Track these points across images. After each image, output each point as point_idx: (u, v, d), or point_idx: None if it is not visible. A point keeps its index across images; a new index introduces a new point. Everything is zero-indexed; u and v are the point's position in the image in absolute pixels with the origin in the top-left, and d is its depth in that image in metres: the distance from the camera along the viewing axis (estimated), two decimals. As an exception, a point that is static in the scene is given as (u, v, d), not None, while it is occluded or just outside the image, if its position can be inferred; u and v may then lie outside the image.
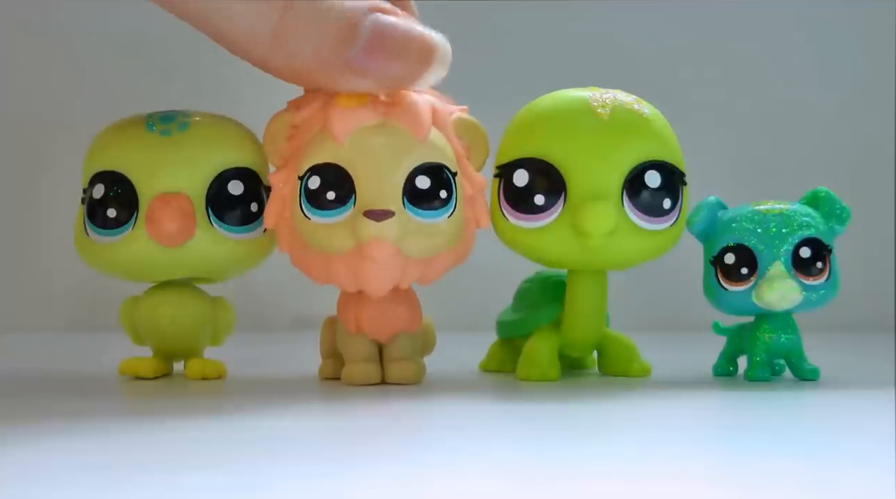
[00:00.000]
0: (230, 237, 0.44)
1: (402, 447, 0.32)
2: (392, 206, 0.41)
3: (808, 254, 0.43)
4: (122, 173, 0.44)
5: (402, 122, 0.41)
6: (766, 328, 0.44)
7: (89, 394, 0.42)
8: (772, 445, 0.32)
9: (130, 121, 0.45)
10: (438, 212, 0.42)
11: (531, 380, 0.44)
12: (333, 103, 0.41)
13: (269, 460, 0.29)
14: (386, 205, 0.41)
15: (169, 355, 0.46)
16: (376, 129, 0.41)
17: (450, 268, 0.43)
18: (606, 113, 0.42)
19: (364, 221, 0.40)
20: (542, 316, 0.46)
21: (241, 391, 0.43)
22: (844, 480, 0.27)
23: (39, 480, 0.27)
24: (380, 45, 0.38)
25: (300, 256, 0.43)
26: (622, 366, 0.46)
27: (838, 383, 0.45)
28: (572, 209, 0.42)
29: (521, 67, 0.78)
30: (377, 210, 0.40)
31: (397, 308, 0.43)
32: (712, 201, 0.45)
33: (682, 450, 0.31)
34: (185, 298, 0.45)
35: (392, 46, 0.38)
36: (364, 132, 0.41)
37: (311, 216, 0.41)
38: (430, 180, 0.42)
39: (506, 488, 0.26)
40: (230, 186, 0.44)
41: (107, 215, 0.44)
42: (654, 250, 0.44)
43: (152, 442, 0.32)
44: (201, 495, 0.25)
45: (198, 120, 0.45)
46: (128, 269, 0.44)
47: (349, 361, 0.43)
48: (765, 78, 0.79)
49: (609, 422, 0.36)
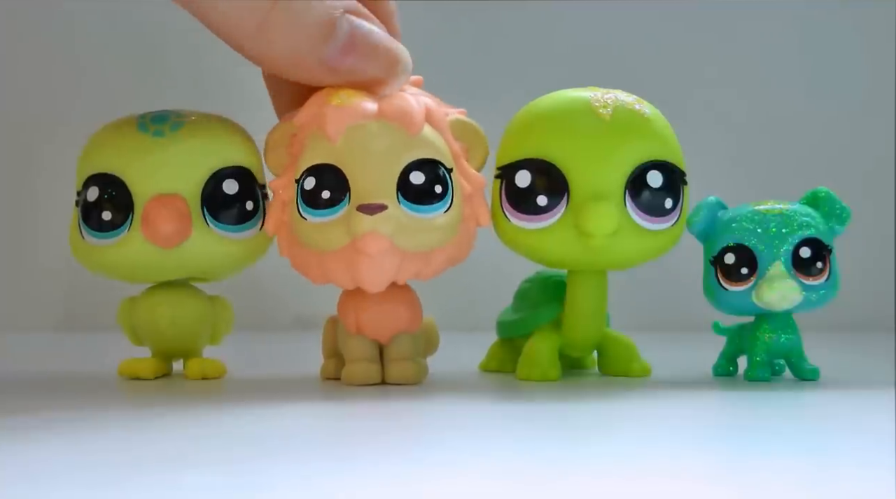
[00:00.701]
0: (226, 236, 0.44)
1: (403, 447, 0.32)
2: (385, 200, 0.41)
3: (808, 254, 0.43)
4: (115, 175, 0.44)
5: (395, 120, 0.41)
6: (766, 328, 0.44)
7: (89, 394, 0.42)
8: (772, 445, 0.32)
9: (123, 122, 0.45)
10: (433, 207, 0.42)
11: (531, 380, 0.45)
12: (326, 103, 0.41)
13: (269, 460, 0.29)
14: (379, 199, 0.41)
15: (168, 355, 0.46)
16: (369, 127, 0.41)
17: (448, 265, 0.43)
18: (608, 113, 0.42)
19: (357, 215, 0.40)
20: (542, 316, 0.46)
21: (241, 391, 0.43)
22: (844, 480, 0.27)
23: (39, 480, 0.27)
24: (354, 47, 0.41)
25: (298, 258, 0.43)
26: (622, 366, 0.46)
27: (838, 383, 0.45)
28: (575, 210, 0.42)
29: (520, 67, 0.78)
30: (370, 204, 0.41)
31: (398, 308, 0.43)
32: (712, 201, 0.45)
33: (682, 450, 0.31)
34: (184, 298, 0.45)
35: (366, 49, 0.41)
36: (357, 130, 0.41)
37: (307, 217, 0.42)
38: (424, 176, 0.42)
39: (506, 488, 0.26)
40: (225, 186, 0.44)
41: (101, 218, 0.44)
42: (656, 250, 0.44)
43: (152, 442, 0.32)
44: (201, 494, 0.25)
45: (191, 120, 0.45)
46: (124, 271, 0.44)
47: (349, 361, 0.43)
48: (765, 78, 0.79)
49: (609, 422, 0.36)
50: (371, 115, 0.41)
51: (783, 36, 0.80)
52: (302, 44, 0.40)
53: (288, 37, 0.40)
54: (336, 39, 0.40)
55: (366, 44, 0.41)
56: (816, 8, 0.79)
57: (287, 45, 0.40)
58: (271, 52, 0.40)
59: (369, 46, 0.41)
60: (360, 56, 0.41)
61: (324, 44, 0.40)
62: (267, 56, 0.41)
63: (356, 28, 0.41)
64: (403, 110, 0.42)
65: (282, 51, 0.40)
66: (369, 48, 0.41)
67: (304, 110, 0.42)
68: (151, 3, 0.76)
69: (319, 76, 0.41)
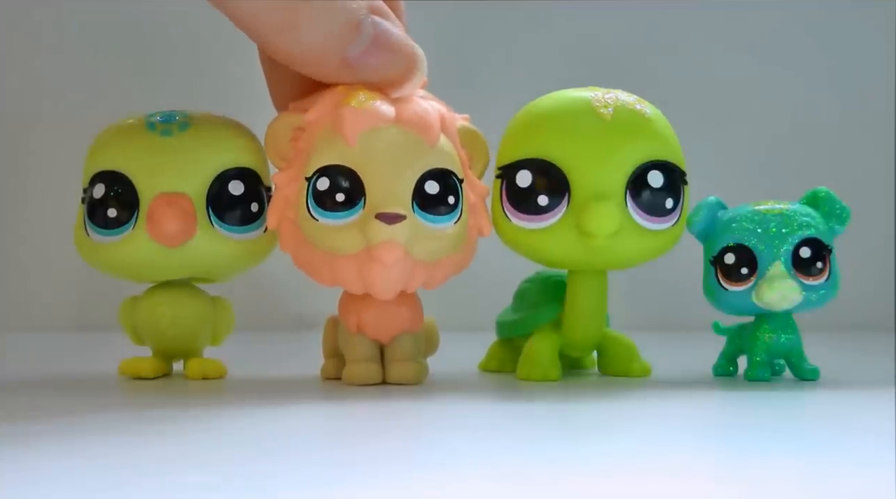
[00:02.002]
0: (230, 237, 0.44)
1: (403, 447, 0.32)
2: (403, 210, 0.41)
3: (808, 254, 0.43)
4: (122, 173, 0.44)
5: (412, 127, 0.41)
6: (766, 328, 0.44)
7: (89, 394, 0.42)
8: (772, 444, 0.32)
9: (131, 121, 0.45)
10: (446, 217, 0.42)
11: (531, 380, 0.45)
12: (344, 104, 0.41)
13: (269, 460, 0.29)
14: (396, 208, 0.41)
15: (169, 355, 0.46)
16: (387, 131, 0.41)
17: (453, 274, 0.43)
18: (609, 113, 0.42)
19: (376, 223, 0.40)
20: (542, 316, 0.46)
21: (241, 391, 0.43)
22: (844, 479, 0.27)
23: (39, 480, 0.27)
24: (377, 48, 0.41)
25: (306, 258, 0.42)
26: (622, 366, 0.46)
27: (838, 383, 0.45)
28: (576, 210, 0.42)
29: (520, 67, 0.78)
30: (390, 213, 0.40)
31: (399, 309, 0.43)
32: (712, 201, 0.45)
33: (683, 450, 0.31)
34: (185, 298, 0.45)
35: (388, 50, 0.41)
36: (375, 134, 0.41)
37: (318, 218, 0.41)
38: (439, 186, 0.42)
39: (506, 488, 0.26)
40: (231, 187, 0.44)
41: (107, 215, 0.44)
42: (656, 250, 0.44)
43: (152, 442, 0.32)
44: (202, 494, 0.25)
45: (198, 120, 0.45)
46: (128, 269, 0.44)
47: (350, 362, 0.43)
48: (765, 78, 0.79)
49: (609, 422, 0.36)
50: (389, 119, 0.41)
51: (784, 36, 0.80)
52: (327, 42, 0.41)
53: (314, 35, 0.40)
54: (361, 40, 0.41)
55: (388, 45, 0.41)
56: (817, 8, 0.79)
57: (313, 43, 0.41)
58: (296, 48, 0.41)
59: (391, 48, 0.41)
60: (381, 57, 0.41)
61: (348, 43, 0.41)
62: (291, 53, 0.41)
63: (380, 29, 0.41)
64: (422, 118, 0.42)
65: (307, 48, 0.41)
66: (391, 49, 0.41)
67: (317, 107, 0.42)
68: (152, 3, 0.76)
69: (339, 74, 0.42)
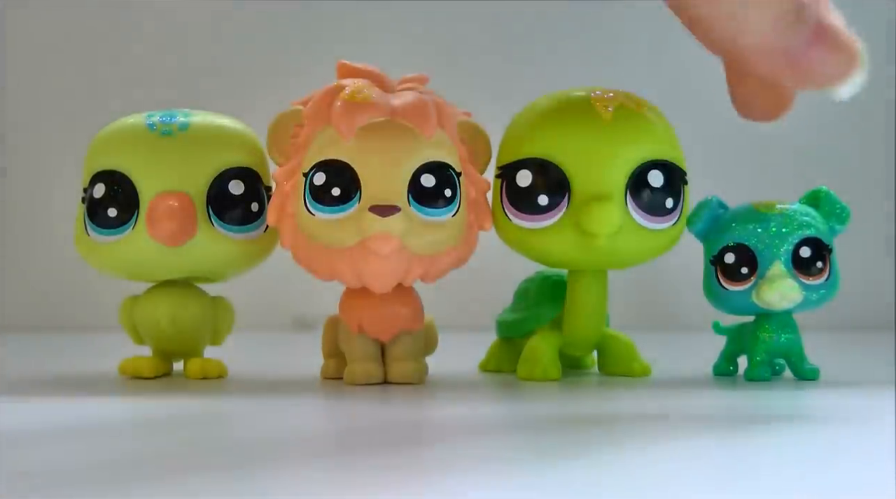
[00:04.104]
0: (231, 237, 0.44)
1: (403, 447, 0.32)
2: (397, 202, 0.41)
3: (808, 253, 0.43)
4: (122, 173, 0.44)
5: (408, 120, 0.41)
6: (766, 328, 0.44)
7: (89, 394, 0.42)
8: (772, 444, 0.32)
9: (131, 120, 0.45)
10: (442, 210, 0.42)
11: (532, 379, 0.45)
12: (339, 98, 0.41)
13: (269, 460, 0.29)
14: (391, 201, 0.41)
15: (169, 355, 0.46)
16: (383, 126, 0.41)
17: (452, 268, 0.43)
18: (609, 112, 0.42)
19: (370, 216, 0.40)
20: (542, 316, 0.46)
21: (241, 391, 0.43)
22: (844, 480, 0.27)
23: (39, 480, 0.27)
24: (821, 38, 0.37)
25: (303, 253, 0.43)
26: (622, 365, 0.46)
27: (838, 383, 0.45)
28: (577, 209, 0.42)
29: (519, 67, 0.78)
30: (383, 205, 0.41)
31: (400, 308, 0.43)
32: (712, 201, 0.45)
33: (682, 450, 0.31)
34: (185, 298, 0.45)
35: (831, 41, 0.37)
36: (370, 129, 0.41)
37: (315, 212, 0.41)
38: (435, 179, 0.42)
39: (506, 489, 0.26)
40: (231, 186, 0.44)
41: (107, 215, 0.44)
42: (657, 249, 0.44)
43: (152, 442, 0.32)
44: (202, 494, 0.25)
45: (198, 120, 0.45)
46: (128, 268, 0.44)
47: (351, 361, 0.43)
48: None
49: (609, 422, 0.36)
50: (385, 113, 0.41)
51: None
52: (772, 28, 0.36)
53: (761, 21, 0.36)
54: (803, 27, 0.36)
55: (831, 34, 0.37)
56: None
57: (758, 30, 0.36)
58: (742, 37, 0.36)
59: (834, 37, 0.37)
60: (824, 49, 0.37)
61: (791, 31, 0.36)
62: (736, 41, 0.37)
63: (822, 15, 0.37)
64: (418, 111, 0.41)
65: (752, 36, 0.36)
66: (834, 39, 0.37)
67: (313, 102, 0.42)
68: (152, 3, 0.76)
69: (779, 69, 0.37)
